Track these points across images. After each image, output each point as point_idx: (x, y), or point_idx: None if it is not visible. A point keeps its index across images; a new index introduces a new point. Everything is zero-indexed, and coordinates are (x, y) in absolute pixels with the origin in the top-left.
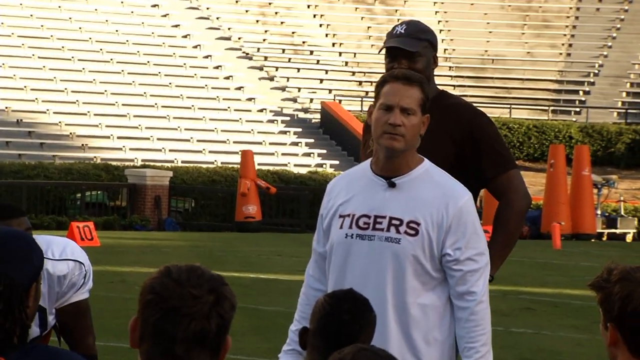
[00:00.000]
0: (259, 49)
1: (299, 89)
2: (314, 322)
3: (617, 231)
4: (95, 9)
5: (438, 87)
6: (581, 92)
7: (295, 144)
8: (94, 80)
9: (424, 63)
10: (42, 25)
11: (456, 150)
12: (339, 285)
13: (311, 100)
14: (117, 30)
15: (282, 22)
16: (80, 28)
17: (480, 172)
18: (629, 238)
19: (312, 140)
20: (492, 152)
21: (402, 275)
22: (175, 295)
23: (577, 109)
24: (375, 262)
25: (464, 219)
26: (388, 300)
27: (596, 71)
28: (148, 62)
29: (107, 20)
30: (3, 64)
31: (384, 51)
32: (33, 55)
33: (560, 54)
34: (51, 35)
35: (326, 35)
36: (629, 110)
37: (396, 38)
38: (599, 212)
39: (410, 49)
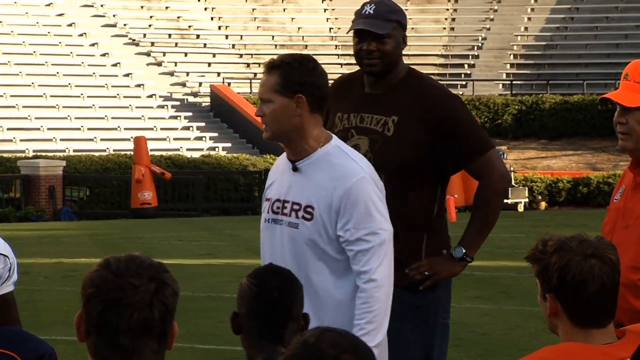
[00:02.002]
0: (145, 35)
1: (188, 73)
2: (244, 307)
3: (509, 201)
4: None
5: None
6: (466, 66)
7: (187, 128)
8: None
9: (392, 44)
10: None
11: (428, 134)
12: None
13: (200, 84)
14: (1, 22)
15: (167, 7)
16: None
17: (458, 156)
18: (520, 207)
19: (203, 124)
20: (469, 135)
21: (304, 259)
22: (115, 287)
23: (463, 82)
24: (283, 246)
25: (353, 200)
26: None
27: (480, 44)
28: (34, 52)
29: None
30: None
31: (352, 32)
32: None
33: (444, 28)
34: None
35: (212, 18)
36: (513, 82)
37: (364, 19)
38: None
39: (379, 32)
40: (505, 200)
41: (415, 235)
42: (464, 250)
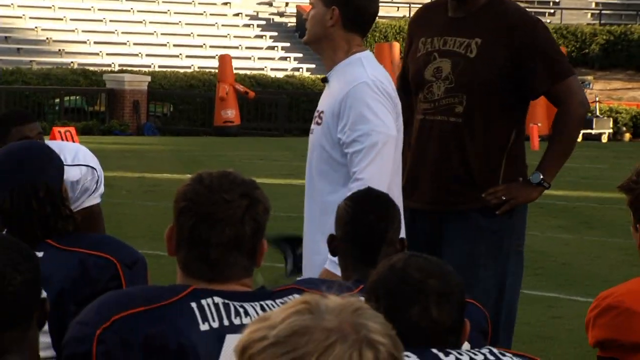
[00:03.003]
0: None
1: None
2: (340, 229)
3: (593, 132)
4: None
5: None
6: None
7: (272, 48)
8: None
9: None
10: None
11: (511, 57)
12: None
13: (287, 4)
14: None
15: None
16: None
17: (538, 81)
18: (604, 138)
19: (288, 44)
20: (550, 60)
21: (313, 161)
22: (208, 201)
23: (551, 10)
24: (309, 151)
25: (350, 102)
26: (309, 184)
27: None
28: None
29: None
30: None
31: None
32: None
33: None
34: None
35: None
36: (602, 11)
37: None
38: None
39: None
40: (589, 131)
41: (494, 158)
42: (541, 176)
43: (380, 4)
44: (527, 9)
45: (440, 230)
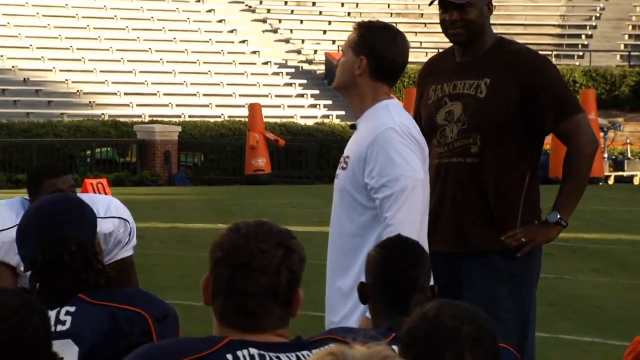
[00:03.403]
0: (261, 2)
1: (303, 40)
2: (371, 276)
3: (625, 174)
4: None
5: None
6: (584, 36)
7: (301, 95)
8: (98, 37)
9: (476, 13)
10: None
11: (521, 94)
12: None
13: (315, 51)
14: None
15: None
16: None
17: (547, 118)
18: (636, 180)
19: (317, 92)
20: (559, 97)
21: (339, 206)
22: (244, 251)
23: (580, 53)
24: (334, 197)
25: (378, 148)
26: (334, 229)
27: (598, 14)
28: (152, 17)
29: None
30: (8, 23)
31: (436, 3)
32: (37, 13)
33: None
34: None
35: None
36: (631, 53)
37: None
38: (605, 155)
39: (459, 2)
40: (621, 173)
41: (512, 199)
42: (558, 215)
43: (409, 50)
44: (556, 53)
45: (459, 273)
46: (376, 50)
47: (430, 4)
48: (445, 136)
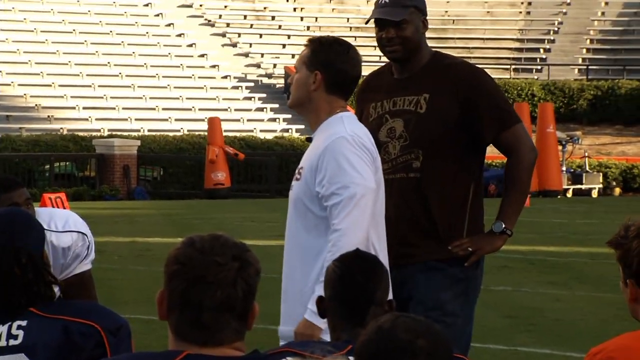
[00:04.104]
0: (220, 16)
1: (262, 54)
2: (329, 289)
3: (583, 187)
4: None
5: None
6: (542, 50)
7: (261, 109)
8: (57, 51)
9: (411, 29)
10: None
11: (459, 107)
12: None
13: (275, 65)
14: (78, 1)
15: None
16: (42, 0)
17: (487, 130)
18: (594, 193)
19: (277, 106)
20: (496, 108)
21: (294, 217)
22: (200, 264)
23: (539, 67)
24: (289, 207)
25: (329, 157)
26: (288, 241)
27: (556, 28)
28: (111, 31)
29: None
30: None
31: (372, 21)
32: None
33: (520, 12)
34: (13, 7)
35: (287, 0)
36: (589, 67)
37: (381, 8)
38: (564, 168)
39: (394, 19)
40: (580, 186)
41: (456, 211)
42: (503, 225)
43: (365, 64)
44: (514, 66)
45: (405, 282)
46: (330, 64)
47: (367, 22)
48: (389, 153)
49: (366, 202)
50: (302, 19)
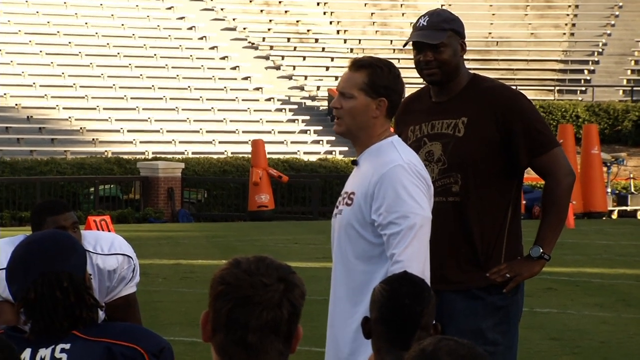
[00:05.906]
0: (264, 39)
1: (306, 77)
2: (375, 311)
3: (628, 208)
4: (101, 4)
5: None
6: (586, 71)
7: (304, 131)
8: (102, 74)
9: (449, 52)
10: (48, 22)
11: (498, 131)
12: None
13: (318, 87)
14: (123, 25)
15: (286, 11)
16: (86, 23)
17: (524, 153)
18: (639, 215)
19: (320, 128)
20: (535, 131)
21: (344, 243)
22: (246, 285)
23: (583, 88)
24: (337, 233)
25: (386, 185)
26: (337, 267)
27: (600, 50)
28: (155, 55)
29: (112, 15)
30: (11, 62)
31: (410, 44)
32: (41, 52)
33: (564, 33)
34: (58, 32)
35: (330, 22)
36: (634, 88)
37: (419, 31)
38: (609, 190)
39: (432, 42)
40: (625, 208)
41: (495, 236)
42: (541, 250)
43: (408, 86)
44: (558, 88)
45: (445, 310)
46: (392, 90)
47: (405, 45)
48: None
49: (425, 232)
50: (345, 41)
